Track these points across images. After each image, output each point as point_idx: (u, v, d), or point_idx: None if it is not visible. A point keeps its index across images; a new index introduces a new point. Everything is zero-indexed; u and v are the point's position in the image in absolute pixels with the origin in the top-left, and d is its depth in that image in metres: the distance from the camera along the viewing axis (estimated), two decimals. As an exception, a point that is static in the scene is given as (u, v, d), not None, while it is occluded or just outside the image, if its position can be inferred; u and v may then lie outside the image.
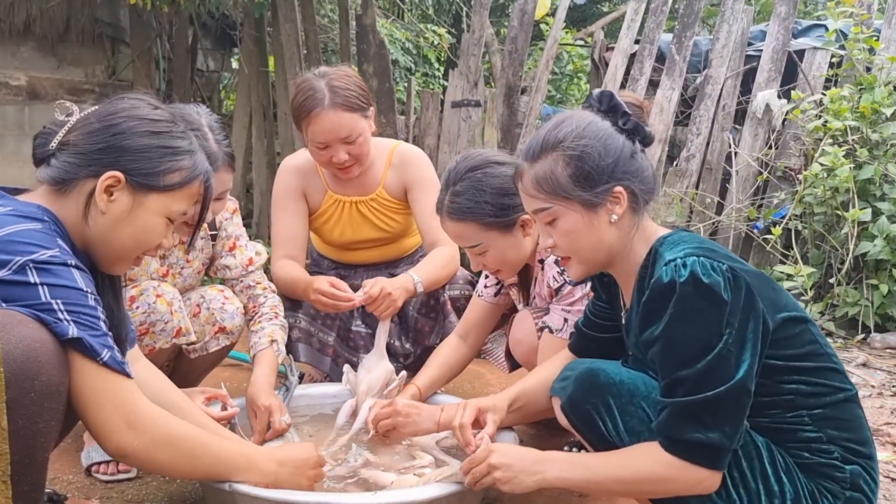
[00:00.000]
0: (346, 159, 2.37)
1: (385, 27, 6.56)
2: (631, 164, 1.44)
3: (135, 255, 1.44)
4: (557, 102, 8.03)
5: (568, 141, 1.43)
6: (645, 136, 1.47)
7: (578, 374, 1.48)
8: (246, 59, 5.06)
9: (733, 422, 1.28)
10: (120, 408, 1.28)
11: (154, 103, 1.46)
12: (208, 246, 2.27)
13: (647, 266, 1.43)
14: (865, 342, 3.49)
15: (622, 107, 1.46)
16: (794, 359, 1.33)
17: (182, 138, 1.44)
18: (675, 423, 1.30)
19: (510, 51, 4.52)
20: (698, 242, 1.38)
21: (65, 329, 1.21)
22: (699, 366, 1.27)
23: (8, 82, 4.99)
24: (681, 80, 4.47)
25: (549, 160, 1.44)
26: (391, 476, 1.74)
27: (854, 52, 3.99)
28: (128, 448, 1.30)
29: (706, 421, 1.27)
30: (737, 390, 1.26)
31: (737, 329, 1.27)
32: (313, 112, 2.31)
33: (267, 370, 2.09)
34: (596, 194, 1.42)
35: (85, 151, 1.37)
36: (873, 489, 1.33)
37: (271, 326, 2.22)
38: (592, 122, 1.46)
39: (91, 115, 1.41)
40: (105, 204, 1.36)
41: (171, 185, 1.42)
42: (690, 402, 1.28)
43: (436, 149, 4.59)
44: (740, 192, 4.24)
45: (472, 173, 1.93)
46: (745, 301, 1.28)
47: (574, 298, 1.94)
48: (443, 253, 2.48)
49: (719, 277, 1.28)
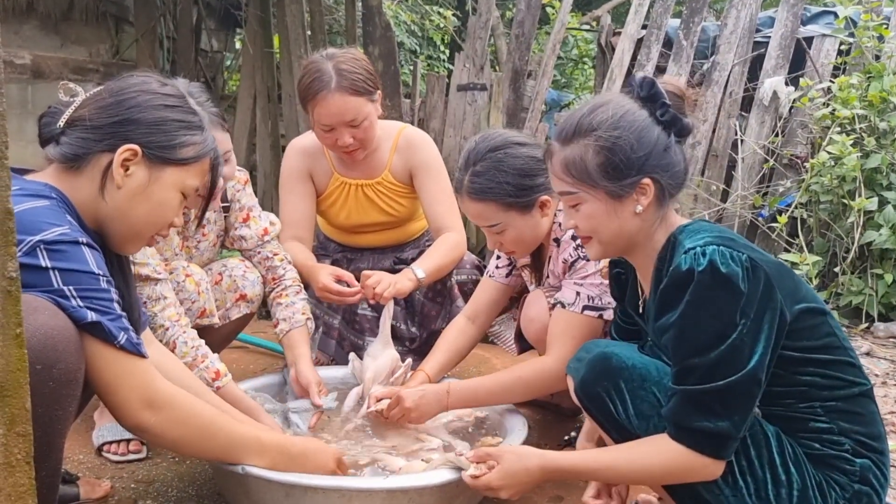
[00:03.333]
0: (351, 143, 2.36)
1: (391, 9, 6.52)
2: (663, 158, 1.42)
3: (149, 232, 1.43)
4: (563, 87, 8.00)
5: (601, 130, 1.41)
6: (682, 129, 1.44)
7: (592, 356, 1.49)
8: (250, 40, 5.03)
9: (742, 412, 1.29)
10: (138, 388, 1.30)
11: (162, 80, 1.47)
12: (221, 218, 2.28)
13: (665, 254, 1.43)
14: (869, 331, 3.50)
15: (662, 96, 1.42)
16: (810, 350, 1.34)
17: (193, 113, 1.45)
18: (684, 411, 1.31)
19: (517, 34, 4.49)
20: (718, 232, 1.37)
21: (83, 314, 1.21)
22: (712, 355, 1.28)
23: (12, 61, 4.96)
24: (688, 66, 4.44)
25: (580, 146, 1.43)
26: (400, 461, 1.75)
27: (863, 39, 3.96)
28: (146, 424, 1.32)
29: (716, 410, 1.28)
30: (748, 381, 1.27)
31: (752, 320, 1.27)
32: (319, 95, 2.30)
33: (308, 350, 2.18)
34: (623, 186, 1.41)
35: (99, 125, 1.36)
36: (883, 484, 1.34)
37: (301, 301, 2.27)
38: (629, 111, 1.42)
39: (102, 92, 1.41)
40: (121, 178, 1.36)
41: (186, 159, 1.42)
42: (701, 390, 1.29)
43: (441, 132, 4.58)
44: (746, 180, 4.24)
45: (492, 153, 1.94)
46: (763, 292, 1.28)
47: (587, 273, 1.94)
48: (448, 240, 2.48)
49: (737, 267, 1.28)
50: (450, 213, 2.51)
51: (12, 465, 0.90)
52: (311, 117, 2.38)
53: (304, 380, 2.08)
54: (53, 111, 1.41)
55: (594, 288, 1.92)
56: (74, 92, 1.41)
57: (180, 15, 5.32)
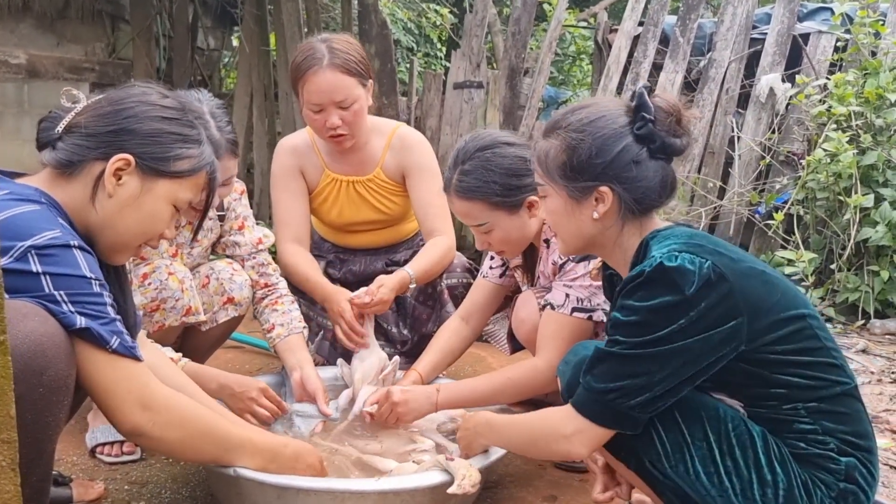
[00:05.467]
0: (339, 125, 2.33)
1: (387, 6, 6.51)
2: (627, 171, 1.39)
3: (138, 243, 1.43)
4: (559, 84, 7.99)
5: (569, 129, 1.42)
6: (664, 147, 1.39)
7: (579, 359, 1.49)
8: (247, 38, 5.02)
9: (633, 384, 1.30)
10: (133, 391, 1.29)
11: (163, 91, 1.46)
12: (216, 226, 2.29)
13: (637, 259, 1.42)
14: (865, 328, 3.50)
15: (645, 108, 1.39)
16: (789, 353, 1.33)
17: (191, 127, 1.45)
18: (585, 368, 1.36)
19: (513, 32, 4.48)
20: (688, 237, 1.36)
21: (72, 320, 1.21)
22: (637, 339, 1.30)
23: (7, 60, 4.95)
24: (684, 63, 4.44)
25: (550, 141, 1.45)
26: (392, 463, 1.76)
27: (860, 36, 3.96)
28: (143, 428, 1.32)
29: (607, 372, 1.32)
30: (654, 359, 1.28)
31: (692, 322, 1.27)
32: (310, 71, 2.28)
33: (309, 355, 2.21)
34: (578, 189, 1.42)
35: (95, 133, 1.36)
36: (870, 482, 1.33)
37: (297, 311, 2.29)
38: (605, 117, 1.41)
39: (102, 100, 1.41)
40: (113, 187, 1.36)
41: (180, 172, 1.42)
42: (607, 351, 1.33)
43: (437, 130, 4.57)
44: (742, 177, 4.23)
45: (481, 153, 1.95)
46: (720, 302, 1.27)
47: (576, 275, 1.95)
48: (439, 244, 2.47)
49: (693, 268, 1.27)
50: (441, 217, 2.49)
51: (-3, 472, 0.90)
52: (302, 98, 2.34)
53: (312, 386, 2.08)
54: (53, 116, 1.41)
55: (583, 290, 1.92)
56: (76, 98, 1.42)
57: (176, 13, 5.31)
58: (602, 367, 1.34)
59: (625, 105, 1.44)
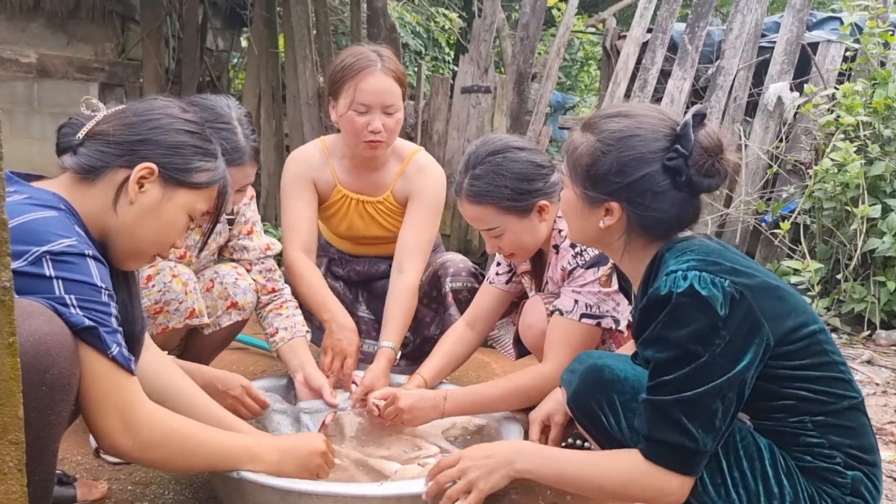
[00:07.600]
0: (381, 130, 2.33)
1: (396, 10, 6.52)
2: (644, 198, 1.37)
3: (152, 251, 1.46)
4: (567, 89, 7.99)
5: (603, 136, 1.40)
6: (692, 184, 1.35)
7: (585, 368, 1.49)
8: (256, 40, 5.04)
9: (707, 425, 1.27)
10: (118, 407, 1.30)
11: (184, 106, 1.52)
12: (225, 230, 2.30)
13: (651, 270, 1.42)
14: (871, 339, 3.49)
15: (684, 141, 1.34)
16: (798, 368, 1.32)
17: (210, 141, 1.50)
18: (651, 423, 1.31)
19: (521, 37, 4.49)
20: (705, 254, 1.35)
21: (79, 320, 1.22)
22: (683, 371, 1.27)
23: (18, 59, 4.98)
24: (693, 70, 4.44)
25: (585, 139, 1.43)
26: (395, 465, 1.76)
27: (869, 46, 3.95)
28: (122, 448, 1.33)
29: (681, 422, 1.27)
30: (715, 394, 1.26)
31: (728, 342, 1.26)
32: (365, 70, 2.29)
33: (311, 356, 2.21)
34: (590, 196, 1.42)
35: (121, 141, 1.40)
36: (875, 496, 1.33)
37: (300, 316, 2.30)
38: (642, 137, 1.37)
39: (126, 110, 1.46)
40: (135, 194, 1.39)
41: (199, 184, 1.46)
42: (668, 401, 1.29)
43: (444, 134, 4.58)
44: (749, 185, 4.23)
45: (492, 157, 1.96)
46: (745, 318, 1.27)
47: (585, 281, 1.95)
48: (403, 296, 2.37)
49: (718, 292, 1.26)
50: (414, 253, 2.43)
51: (4, 473, 0.91)
52: (347, 98, 2.31)
53: (316, 382, 2.10)
54: (74, 122, 1.45)
55: (592, 296, 1.92)
56: (96, 107, 1.46)
57: (186, 14, 5.33)
58: (667, 419, 1.29)
59: (670, 126, 1.39)
